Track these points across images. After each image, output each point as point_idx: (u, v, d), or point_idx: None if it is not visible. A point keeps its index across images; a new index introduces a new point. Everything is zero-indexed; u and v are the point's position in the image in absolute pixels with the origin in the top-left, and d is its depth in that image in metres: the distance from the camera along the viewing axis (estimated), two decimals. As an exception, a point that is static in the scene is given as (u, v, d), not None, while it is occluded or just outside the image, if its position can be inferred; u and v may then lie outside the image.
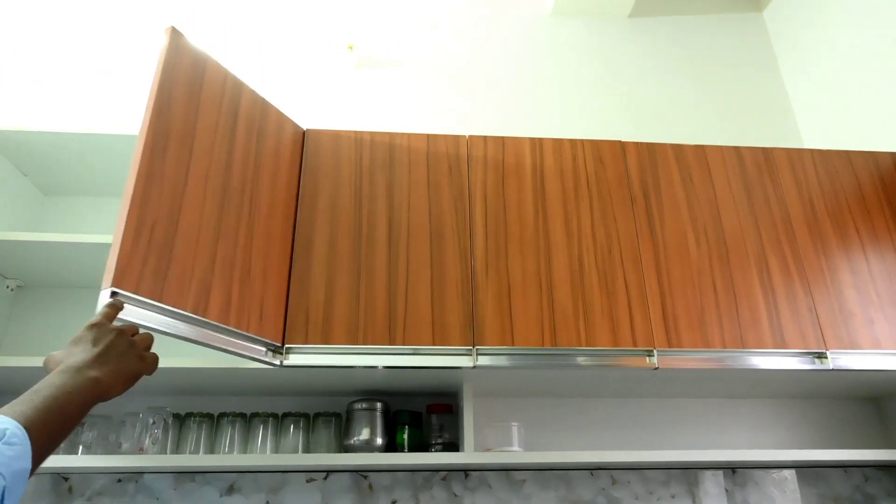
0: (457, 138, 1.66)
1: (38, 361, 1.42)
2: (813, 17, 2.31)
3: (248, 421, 1.62)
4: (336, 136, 1.63)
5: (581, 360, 1.45)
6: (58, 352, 0.78)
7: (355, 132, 1.64)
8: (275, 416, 1.63)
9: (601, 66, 2.39)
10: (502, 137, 1.68)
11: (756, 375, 1.55)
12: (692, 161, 1.70)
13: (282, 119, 1.56)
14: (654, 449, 1.75)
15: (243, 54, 2.23)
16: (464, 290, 1.47)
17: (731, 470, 1.74)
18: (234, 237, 1.31)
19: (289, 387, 1.64)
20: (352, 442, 1.55)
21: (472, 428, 1.50)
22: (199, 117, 1.28)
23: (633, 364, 1.45)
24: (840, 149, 1.81)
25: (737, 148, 1.74)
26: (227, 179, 1.32)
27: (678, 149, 1.72)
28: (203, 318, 1.19)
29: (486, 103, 2.22)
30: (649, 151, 1.70)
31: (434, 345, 1.41)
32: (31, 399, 0.64)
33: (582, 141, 1.70)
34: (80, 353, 0.75)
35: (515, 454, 1.52)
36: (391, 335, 1.41)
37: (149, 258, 1.10)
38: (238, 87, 1.43)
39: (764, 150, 1.75)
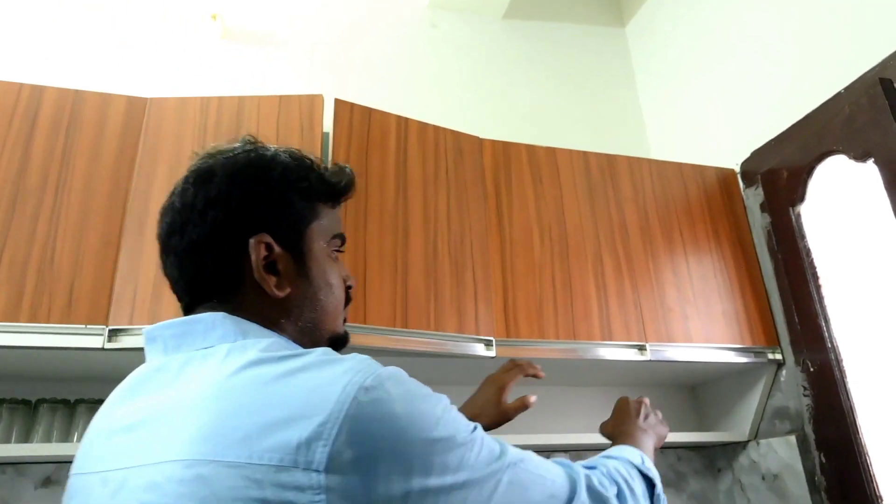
0: (311, 98, 1.59)
1: None
2: (667, 38, 2.51)
3: (71, 408, 1.50)
4: (181, 103, 1.54)
5: (428, 343, 1.47)
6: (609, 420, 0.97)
7: (201, 98, 1.56)
8: (102, 402, 1.52)
9: (472, 61, 2.44)
10: (369, 108, 1.64)
11: (585, 364, 1.67)
12: (543, 162, 1.79)
13: (107, 100, 1.50)
14: (497, 434, 1.84)
15: (93, 21, 2.05)
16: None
17: (564, 452, 1.87)
18: (28, 234, 1.34)
19: (120, 371, 1.53)
20: (187, 429, 1.49)
21: (314, 414, 1.49)
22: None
23: (473, 353, 1.51)
24: (676, 161, 1.98)
25: (584, 153, 1.86)
26: (19, 185, 1.39)
27: (531, 149, 1.80)
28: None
29: (356, 87, 2.19)
30: (504, 150, 1.77)
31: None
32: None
33: (445, 129, 1.73)
34: (631, 424, 0.93)
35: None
36: (226, 316, 1.36)
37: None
38: (37, 93, 1.47)
39: (608, 156, 1.88)
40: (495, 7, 2.53)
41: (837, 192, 1.71)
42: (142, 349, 1.30)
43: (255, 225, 0.63)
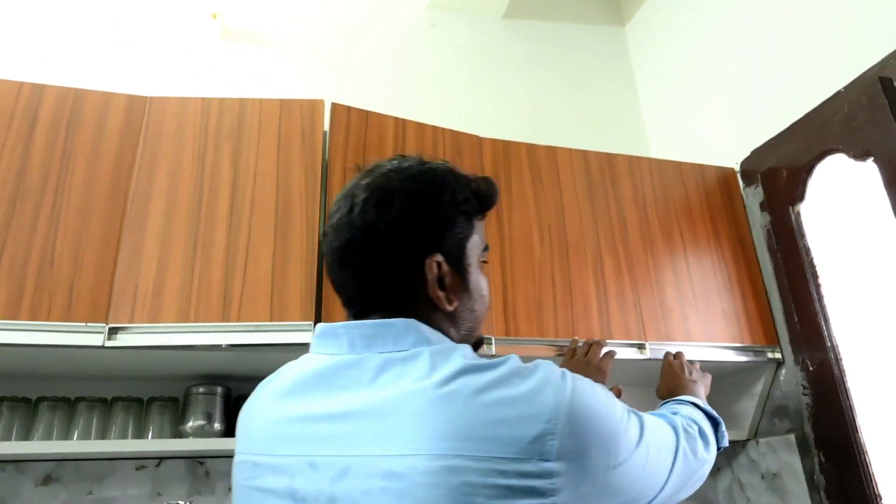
0: (312, 103, 1.60)
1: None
2: (666, 37, 2.51)
3: (72, 406, 1.50)
4: (182, 104, 1.54)
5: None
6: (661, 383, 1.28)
7: (202, 99, 1.56)
8: (103, 400, 1.53)
9: (472, 61, 2.45)
10: (366, 111, 1.64)
11: (585, 363, 1.67)
12: (543, 161, 1.79)
13: (107, 99, 1.50)
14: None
15: (92, 20, 2.05)
16: (308, 264, 1.44)
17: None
18: (29, 233, 1.34)
19: (121, 370, 1.55)
20: (187, 427, 1.49)
21: (313, 412, 1.49)
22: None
23: (473, 351, 1.51)
24: (676, 160, 1.98)
25: (584, 152, 1.86)
26: (19, 184, 1.38)
27: (531, 149, 1.80)
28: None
29: (355, 87, 2.19)
30: (504, 149, 1.77)
31: (272, 321, 1.37)
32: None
33: (443, 129, 1.73)
34: (682, 379, 1.22)
35: (357, 438, 1.54)
36: (225, 312, 1.36)
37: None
38: (37, 92, 1.47)
39: (608, 155, 1.88)
40: (495, 7, 2.54)
41: (837, 191, 1.71)
42: (140, 347, 1.31)
43: (429, 245, 0.70)
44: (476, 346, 0.76)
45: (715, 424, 0.93)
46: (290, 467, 0.64)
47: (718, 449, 0.91)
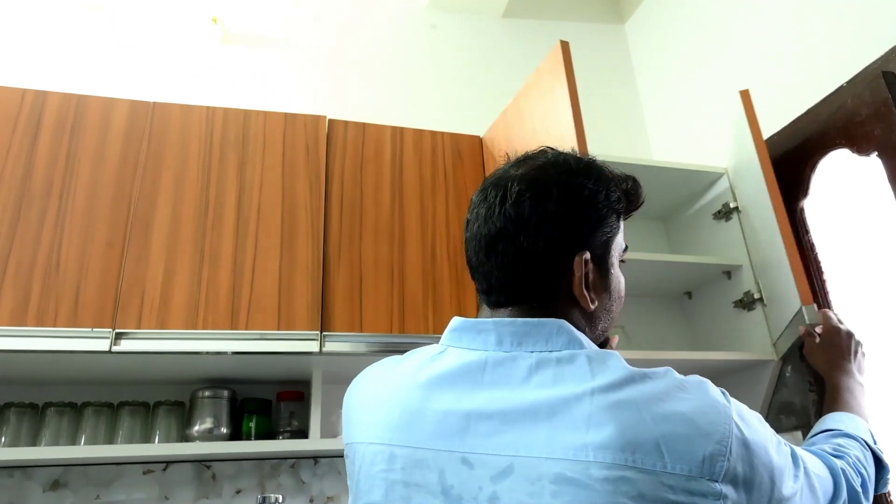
0: (316, 119, 1.62)
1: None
2: (666, 34, 2.51)
3: (78, 411, 1.51)
4: (186, 111, 1.55)
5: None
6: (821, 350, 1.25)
7: (207, 107, 1.57)
8: (109, 405, 1.53)
9: (472, 61, 2.44)
10: (363, 123, 1.67)
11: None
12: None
13: (110, 104, 1.51)
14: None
15: (93, 25, 2.06)
16: (314, 274, 1.46)
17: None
18: (34, 239, 1.35)
19: (127, 375, 1.55)
20: (193, 431, 1.50)
21: (319, 415, 1.49)
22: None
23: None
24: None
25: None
26: (24, 190, 1.39)
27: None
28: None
29: (355, 89, 2.20)
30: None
31: (279, 329, 1.39)
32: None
33: (442, 133, 1.73)
34: (845, 360, 1.18)
35: (364, 440, 1.54)
36: (234, 320, 1.37)
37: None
38: (41, 98, 1.47)
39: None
40: (494, 6, 2.53)
41: (841, 187, 1.70)
42: (146, 353, 1.32)
43: (579, 242, 0.69)
44: (602, 344, 0.74)
45: (878, 466, 0.87)
46: (437, 462, 0.62)
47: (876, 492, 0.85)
